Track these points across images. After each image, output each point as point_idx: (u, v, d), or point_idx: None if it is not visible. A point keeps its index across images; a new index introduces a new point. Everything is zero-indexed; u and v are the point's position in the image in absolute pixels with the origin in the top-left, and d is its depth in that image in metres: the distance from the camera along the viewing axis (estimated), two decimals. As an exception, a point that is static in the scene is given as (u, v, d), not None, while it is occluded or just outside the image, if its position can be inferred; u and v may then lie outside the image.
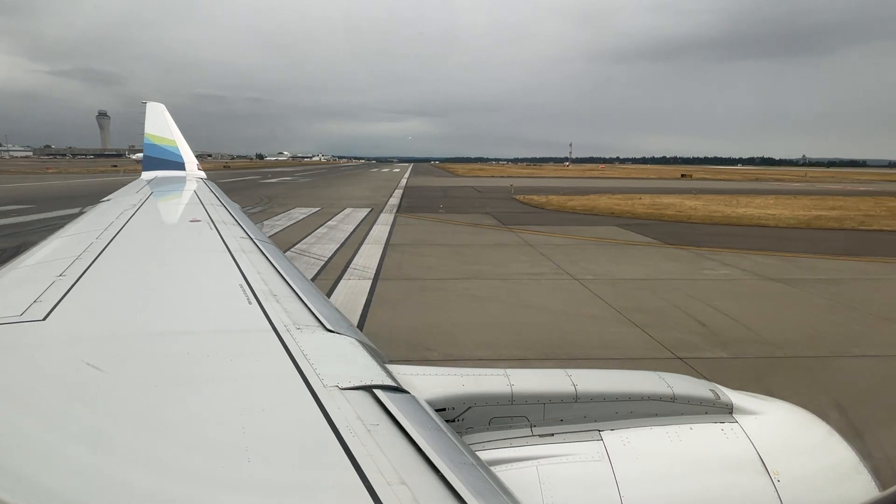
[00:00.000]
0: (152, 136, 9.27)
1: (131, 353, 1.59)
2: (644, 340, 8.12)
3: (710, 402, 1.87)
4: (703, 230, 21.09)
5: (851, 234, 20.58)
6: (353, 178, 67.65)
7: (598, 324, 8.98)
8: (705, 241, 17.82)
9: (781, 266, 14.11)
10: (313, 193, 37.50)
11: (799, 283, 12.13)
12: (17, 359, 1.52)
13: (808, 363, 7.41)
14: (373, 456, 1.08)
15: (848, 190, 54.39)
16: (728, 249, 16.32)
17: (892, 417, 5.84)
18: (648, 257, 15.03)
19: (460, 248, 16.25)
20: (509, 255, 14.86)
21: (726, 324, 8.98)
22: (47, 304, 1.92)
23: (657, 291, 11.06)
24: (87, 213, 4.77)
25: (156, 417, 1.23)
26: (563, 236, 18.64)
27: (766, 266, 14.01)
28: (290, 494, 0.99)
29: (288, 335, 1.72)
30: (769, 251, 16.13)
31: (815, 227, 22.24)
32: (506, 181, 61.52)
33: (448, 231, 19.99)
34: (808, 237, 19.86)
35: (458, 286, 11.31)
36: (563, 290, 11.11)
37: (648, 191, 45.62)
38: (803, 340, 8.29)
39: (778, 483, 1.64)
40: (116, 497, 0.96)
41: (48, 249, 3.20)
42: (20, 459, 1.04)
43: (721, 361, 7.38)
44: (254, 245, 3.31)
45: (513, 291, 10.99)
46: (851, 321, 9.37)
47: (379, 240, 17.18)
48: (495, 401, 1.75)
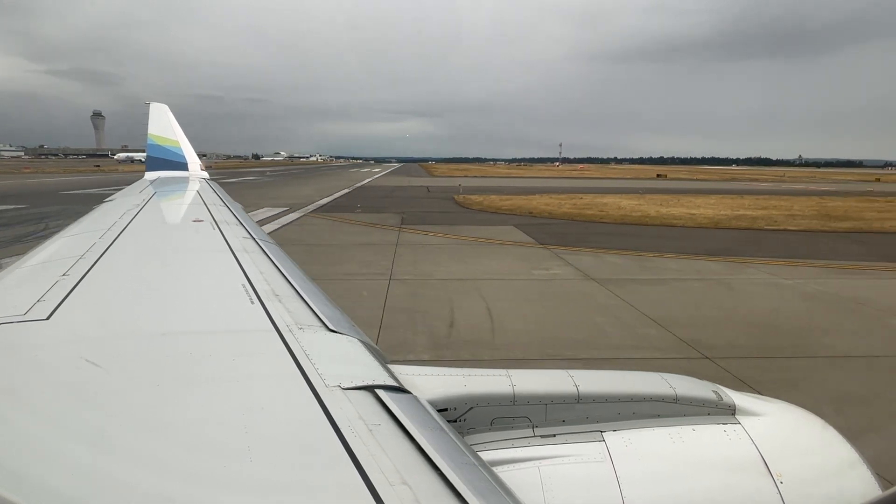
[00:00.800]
0: (155, 136, 9.27)
1: (134, 352, 1.59)
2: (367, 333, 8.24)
3: (712, 403, 1.86)
4: (601, 230, 21.40)
5: (746, 234, 20.80)
6: (319, 177, 68.33)
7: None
8: (585, 241, 17.96)
9: (622, 265, 14.28)
10: (257, 192, 37.81)
11: (617, 282, 12.20)
12: (20, 358, 1.53)
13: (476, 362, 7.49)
14: (374, 456, 1.08)
15: (809, 190, 55.20)
16: (595, 249, 16.45)
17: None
18: (499, 257, 15.18)
19: (322, 247, 16.41)
20: (359, 255, 15.05)
21: (469, 321, 9.17)
22: (51, 304, 1.92)
23: (454, 290, 11.25)
24: (90, 213, 4.80)
25: (158, 417, 1.23)
26: (446, 236, 18.79)
27: (606, 265, 14.17)
28: (292, 494, 0.99)
29: (290, 335, 1.72)
30: (633, 251, 16.30)
31: (720, 227, 22.48)
32: (470, 181, 62.07)
33: (335, 230, 20.18)
34: (696, 236, 20.16)
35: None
36: (362, 290, 11.24)
37: (601, 190, 46.15)
38: (517, 340, 8.37)
39: (781, 484, 1.64)
40: (118, 496, 0.96)
41: (51, 249, 3.20)
42: (22, 458, 1.05)
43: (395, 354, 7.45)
44: (256, 245, 3.31)
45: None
46: (605, 324, 9.34)
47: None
48: (497, 401, 1.74)
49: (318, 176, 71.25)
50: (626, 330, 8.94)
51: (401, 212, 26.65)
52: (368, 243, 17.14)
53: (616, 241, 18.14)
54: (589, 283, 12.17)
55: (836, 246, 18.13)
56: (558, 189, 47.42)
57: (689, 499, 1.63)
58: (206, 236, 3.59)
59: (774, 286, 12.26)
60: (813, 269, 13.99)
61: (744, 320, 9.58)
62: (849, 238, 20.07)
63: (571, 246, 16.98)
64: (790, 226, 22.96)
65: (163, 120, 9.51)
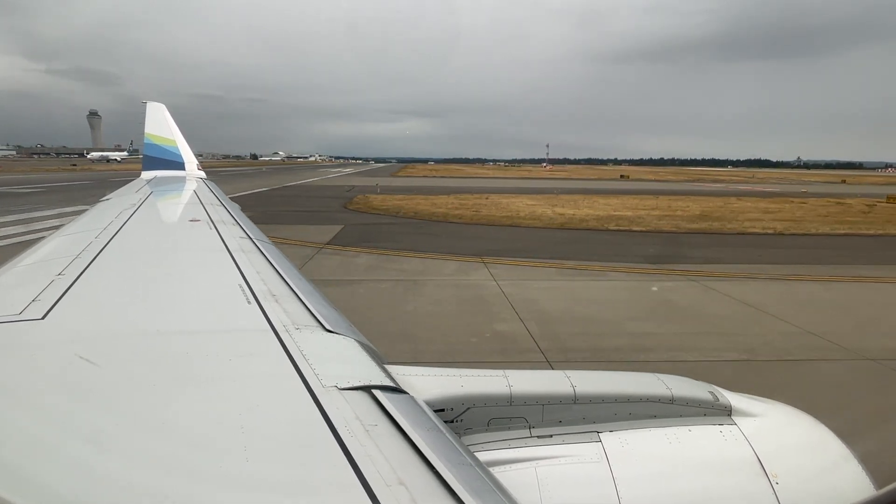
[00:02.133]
0: (152, 135, 9.23)
1: (130, 352, 1.59)
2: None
3: (708, 403, 1.87)
4: (430, 230, 21.11)
5: (578, 234, 20.61)
6: (268, 176, 68.36)
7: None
8: (375, 241, 17.48)
9: (351, 264, 14.09)
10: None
11: (336, 283, 12.02)
12: (15, 357, 1.52)
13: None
14: (371, 456, 1.08)
15: (741, 191, 54.85)
16: (375, 250, 15.87)
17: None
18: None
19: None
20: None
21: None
22: (46, 303, 1.91)
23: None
24: (86, 212, 4.78)
25: (154, 416, 1.23)
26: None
27: (348, 265, 13.96)
28: (288, 494, 0.99)
29: (287, 335, 1.71)
30: (405, 251, 15.94)
31: (565, 228, 22.13)
32: (417, 181, 62.90)
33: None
34: (516, 237, 20.02)
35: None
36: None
37: (534, 191, 46.23)
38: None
39: (776, 485, 1.64)
40: (113, 495, 0.96)
41: (47, 248, 3.19)
42: (18, 458, 1.04)
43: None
44: (253, 245, 3.32)
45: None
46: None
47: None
48: (494, 402, 1.74)
49: (270, 174, 71.38)
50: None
51: (264, 211, 25.66)
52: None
53: (411, 240, 17.91)
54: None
55: (635, 248, 17.65)
56: (492, 189, 48.02)
57: (685, 499, 1.64)
58: (202, 236, 3.59)
59: (458, 286, 12.03)
60: (546, 270, 13.87)
61: (372, 321, 9.19)
62: (672, 239, 19.75)
63: (352, 246, 16.50)
64: (645, 227, 22.60)
65: (159, 119, 9.47)
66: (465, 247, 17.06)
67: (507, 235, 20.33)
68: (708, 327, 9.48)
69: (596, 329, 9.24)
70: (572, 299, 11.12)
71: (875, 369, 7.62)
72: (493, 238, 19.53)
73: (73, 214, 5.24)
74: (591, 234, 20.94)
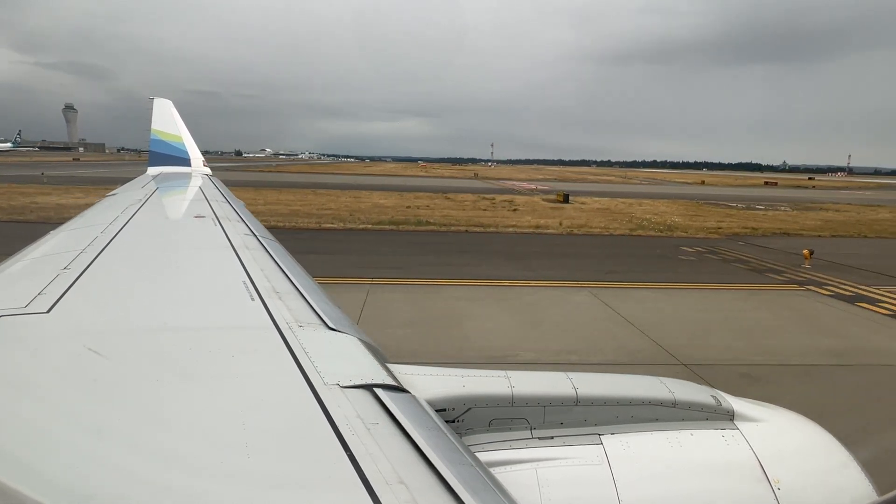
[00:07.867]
0: (159, 131, 9.26)
1: (134, 347, 1.59)
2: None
3: (711, 408, 1.86)
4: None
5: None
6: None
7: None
8: None
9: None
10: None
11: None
12: (20, 350, 1.53)
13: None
14: (372, 455, 1.08)
15: (653, 193, 54.62)
16: None
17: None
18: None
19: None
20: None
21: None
22: (51, 297, 1.92)
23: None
24: (92, 207, 4.79)
25: (157, 411, 1.23)
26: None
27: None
28: (289, 490, 0.99)
29: (290, 332, 1.72)
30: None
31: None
32: (322, 178, 63.37)
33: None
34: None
35: None
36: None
37: (453, 189, 46.29)
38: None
39: (778, 490, 1.64)
40: (117, 487, 0.96)
41: (53, 243, 3.19)
42: (23, 449, 1.05)
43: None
44: (257, 242, 3.32)
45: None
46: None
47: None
48: (496, 402, 1.73)
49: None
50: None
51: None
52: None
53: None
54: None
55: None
56: (365, 185, 48.36)
57: (686, 503, 1.63)
58: (207, 232, 3.59)
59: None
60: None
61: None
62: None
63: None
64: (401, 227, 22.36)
65: (166, 115, 9.49)
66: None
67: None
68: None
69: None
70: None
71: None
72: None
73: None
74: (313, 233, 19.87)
